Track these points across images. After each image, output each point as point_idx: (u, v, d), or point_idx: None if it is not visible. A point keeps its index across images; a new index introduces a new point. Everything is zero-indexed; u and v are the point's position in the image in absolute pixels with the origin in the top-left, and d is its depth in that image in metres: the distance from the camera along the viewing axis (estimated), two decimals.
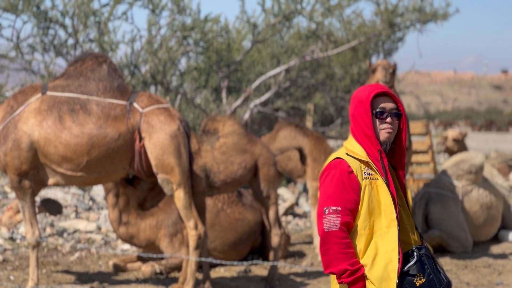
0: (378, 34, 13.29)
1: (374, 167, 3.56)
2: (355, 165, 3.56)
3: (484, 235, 10.21)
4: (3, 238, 9.41)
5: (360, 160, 3.57)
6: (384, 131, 3.58)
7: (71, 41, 11.64)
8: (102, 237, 9.89)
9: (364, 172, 3.56)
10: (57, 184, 7.08)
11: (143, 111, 6.98)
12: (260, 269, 8.58)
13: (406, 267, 3.53)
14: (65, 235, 9.86)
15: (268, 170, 7.82)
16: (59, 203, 7.75)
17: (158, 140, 6.92)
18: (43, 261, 8.42)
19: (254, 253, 8.97)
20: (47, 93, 7.00)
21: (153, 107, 7.03)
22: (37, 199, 8.87)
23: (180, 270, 8.01)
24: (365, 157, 3.57)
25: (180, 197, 7.00)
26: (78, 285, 7.31)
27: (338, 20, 13.90)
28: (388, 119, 3.57)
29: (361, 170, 3.56)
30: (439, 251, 9.58)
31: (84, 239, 9.72)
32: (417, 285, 3.50)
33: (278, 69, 12.99)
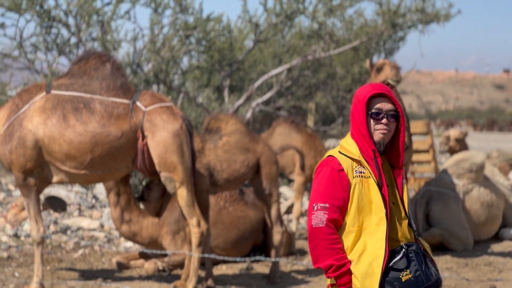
0: (380, 34, 13.34)
1: (367, 166, 3.61)
2: (346, 163, 3.61)
3: (485, 234, 10.26)
4: (7, 235, 9.48)
5: (352, 159, 3.62)
6: (379, 132, 3.61)
7: (74, 40, 11.69)
8: (105, 234, 9.95)
9: (356, 171, 3.60)
10: (61, 182, 7.14)
11: (146, 109, 7.03)
12: (262, 267, 8.63)
13: (391, 263, 3.56)
14: (68, 232, 9.93)
15: (270, 168, 7.88)
16: (63, 200, 7.81)
17: (161, 138, 6.98)
18: (47, 258, 8.49)
19: (256, 250, 9.03)
20: (52, 91, 7.07)
21: (156, 105, 7.09)
22: (41, 197, 8.94)
23: (183, 267, 8.07)
24: (357, 156, 3.62)
25: (183, 195, 7.05)
26: (82, 282, 7.37)
27: (340, 20, 13.96)
28: (384, 120, 3.60)
29: (353, 168, 3.61)
30: (440, 249, 9.63)
31: (87, 237, 9.79)
32: (403, 280, 3.53)
33: (280, 69, 13.04)
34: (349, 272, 3.56)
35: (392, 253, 3.58)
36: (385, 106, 3.62)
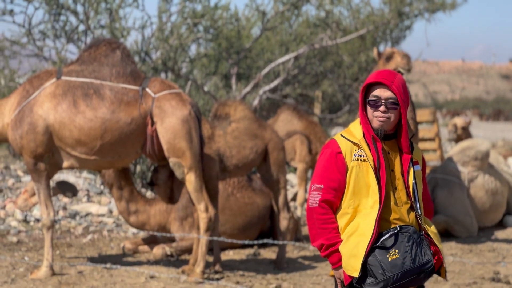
0: (387, 22, 13.39)
1: (367, 150, 3.68)
2: (345, 146, 3.69)
3: (489, 221, 10.34)
4: (17, 220, 9.59)
5: (353, 142, 3.70)
6: (377, 119, 3.67)
7: (82, 28, 11.77)
8: (113, 220, 10.06)
9: (355, 154, 3.68)
10: (72, 167, 7.22)
11: (155, 96, 7.11)
12: (268, 253, 8.72)
13: (379, 242, 3.62)
14: (77, 218, 10.04)
15: (278, 155, 7.94)
16: (73, 185, 7.90)
17: (170, 124, 7.05)
18: (56, 243, 8.60)
19: (263, 236, 9.09)
20: (62, 78, 7.15)
21: (165, 92, 7.16)
22: (51, 182, 9.03)
23: (191, 252, 8.15)
24: (359, 140, 3.69)
25: (191, 180, 7.14)
26: (90, 266, 7.47)
27: (346, 9, 14.01)
28: (382, 108, 3.65)
29: (352, 152, 3.68)
30: (444, 236, 9.70)
31: (96, 222, 9.89)
32: (389, 259, 3.57)
33: (287, 57, 13.10)
34: (338, 251, 3.66)
35: (384, 234, 3.64)
36: (384, 94, 3.66)
